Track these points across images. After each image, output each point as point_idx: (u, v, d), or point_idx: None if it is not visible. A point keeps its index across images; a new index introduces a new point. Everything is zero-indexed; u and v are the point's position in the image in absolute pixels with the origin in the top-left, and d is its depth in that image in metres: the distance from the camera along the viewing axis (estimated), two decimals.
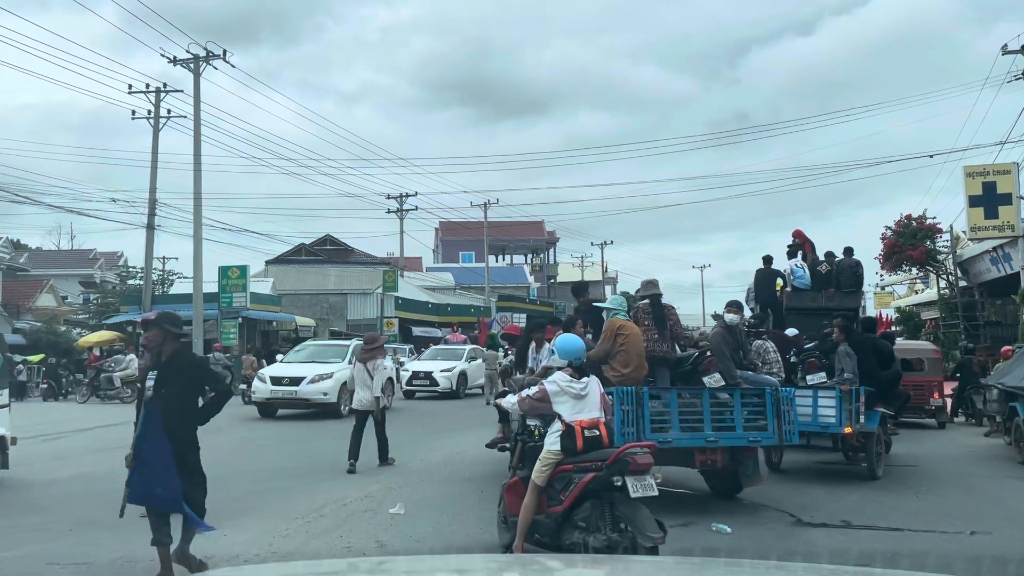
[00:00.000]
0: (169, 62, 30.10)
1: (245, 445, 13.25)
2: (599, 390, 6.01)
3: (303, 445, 13.31)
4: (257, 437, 14.21)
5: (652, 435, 7.36)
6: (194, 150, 29.48)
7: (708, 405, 8.01)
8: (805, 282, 14.81)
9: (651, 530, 5.22)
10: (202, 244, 29.01)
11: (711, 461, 8.01)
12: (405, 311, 42.35)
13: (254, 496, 8.65)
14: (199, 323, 28.27)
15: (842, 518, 7.62)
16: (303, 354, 19.93)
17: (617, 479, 5.41)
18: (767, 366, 10.00)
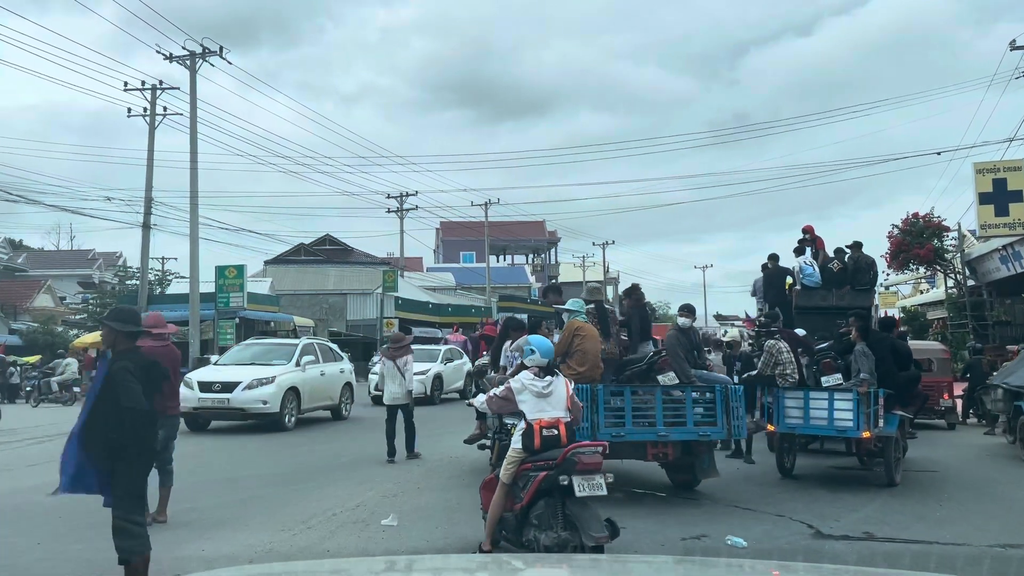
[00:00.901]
0: (165, 59, 29.69)
1: (233, 448, 12.78)
2: (567, 390, 6.05)
3: (296, 448, 12.83)
4: (248, 439, 13.70)
5: (606, 430, 7.92)
6: (190, 148, 29.06)
7: (660, 402, 8.34)
8: (815, 280, 14.38)
9: (595, 529, 5.32)
10: (198, 243, 28.58)
11: (663, 454, 8.50)
12: (405, 311, 41.84)
13: (238, 505, 8.19)
14: (195, 323, 27.84)
15: (864, 529, 7.15)
16: (243, 355, 16.78)
17: (564, 478, 5.51)
18: (780, 367, 9.55)
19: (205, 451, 12.30)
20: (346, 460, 11.43)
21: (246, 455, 12.25)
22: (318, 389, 16.57)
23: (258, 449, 12.83)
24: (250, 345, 18.05)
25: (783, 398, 9.43)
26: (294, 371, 15.76)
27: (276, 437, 14.05)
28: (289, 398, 15.30)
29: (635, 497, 8.68)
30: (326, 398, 16.96)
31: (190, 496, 8.13)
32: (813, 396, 9.29)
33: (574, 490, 5.47)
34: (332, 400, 17.15)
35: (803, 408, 9.32)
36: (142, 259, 30.46)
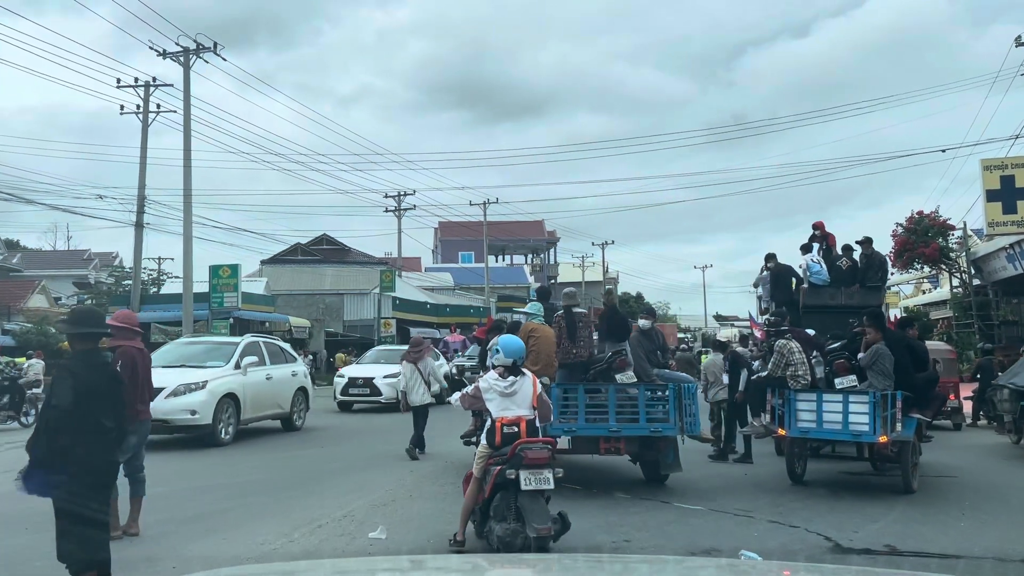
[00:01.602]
0: (159, 55, 29.22)
1: (224, 453, 12.30)
2: (534, 389, 6.25)
3: (285, 452, 12.36)
4: (241, 443, 13.20)
5: (559, 426, 8.32)
6: (184, 145, 28.58)
7: (613, 399, 8.75)
8: (823, 278, 13.90)
9: (539, 522, 5.61)
10: (192, 242, 28.11)
11: (615, 449, 8.96)
12: (403, 312, 41.42)
13: (219, 515, 7.70)
14: (189, 324, 27.35)
15: (885, 542, 6.68)
16: (172, 355, 14.14)
17: (511, 472, 5.82)
18: (791, 368, 9.08)
19: None
20: (336, 467, 10.94)
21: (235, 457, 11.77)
22: (263, 396, 14.14)
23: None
24: (183, 344, 15.50)
25: (795, 400, 8.95)
26: (232, 375, 13.45)
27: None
28: (225, 407, 12.98)
29: (641, 507, 8.22)
30: (273, 406, 14.63)
31: (162, 506, 7.65)
32: (827, 398, 8.82)
33: (520, 483, 5.77)
34: (281, 408, 14.87)
35: (816, 411, 8.85)
36: (135, 258, 30.01)
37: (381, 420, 17.33)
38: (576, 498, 8.59)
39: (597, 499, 8.58)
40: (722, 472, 10.54)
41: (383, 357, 21.42)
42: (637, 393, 8.83)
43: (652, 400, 8.90)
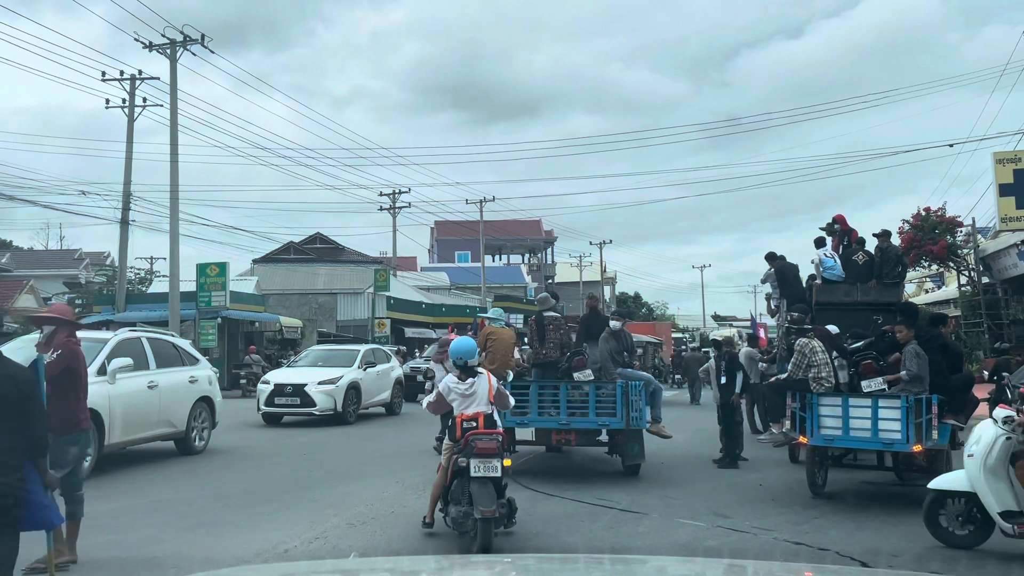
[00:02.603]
0: (144, 47, 28.36)
1: (190, 465, 11.45)
2: (491, 387, 6.83)
3: (258, 463, 11.50)
4: (212, 455, 12.35)
5: (511, 418, 9.15)
6: (171, 140, 27.76)
7: (564, 395, 9.56)
8: (837, 273, 13.11)
9: (484, 504, 6.17)
10: (179, 239, 27.28)
11: (566, 440, 10.07)
12: (398, 311, 40.61)
13: (173, 537, 6.85)
14: (175, 324, 26.44)
15: (931, 569, 5.86)
16: (19, 357, 9.16)
17: (463, 460, 6.44)
18: (814, 369, 8.26)
19: None
20: (316, 476, 10.09)
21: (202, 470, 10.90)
22: (145, 410, 10.94)
23: None
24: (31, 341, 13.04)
25: (817, 405, 8.12)
26: (93, 383, 10.23)
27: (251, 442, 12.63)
28: None
29: (648, 525, 7.39)
30: (162, 423, 11.37)
31: (125, 522, 6.81)
32: (854, 403, 7.99)
33: (471, 470, 6.35)
34: (173, 426, 11.61)
35: (842, 417, 8.01)
36: (120, 256, 29.19)
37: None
38: (579, 515, 7.78)
39: (600, 516, 7.76)
40: (733, 482, 9.71)
41: (323, 359, 18.35)
42: (588, 390, 9.53)
43: (600, 396, 9.52)
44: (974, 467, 6.34)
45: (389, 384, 18.79)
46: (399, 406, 19.01)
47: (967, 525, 6.48)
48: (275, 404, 16.48)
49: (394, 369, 19.42)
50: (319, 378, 16.62)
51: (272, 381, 16.97)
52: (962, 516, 6.48)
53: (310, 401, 16.23)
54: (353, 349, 18.86)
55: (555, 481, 9.59)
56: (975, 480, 6.31)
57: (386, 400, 18.61)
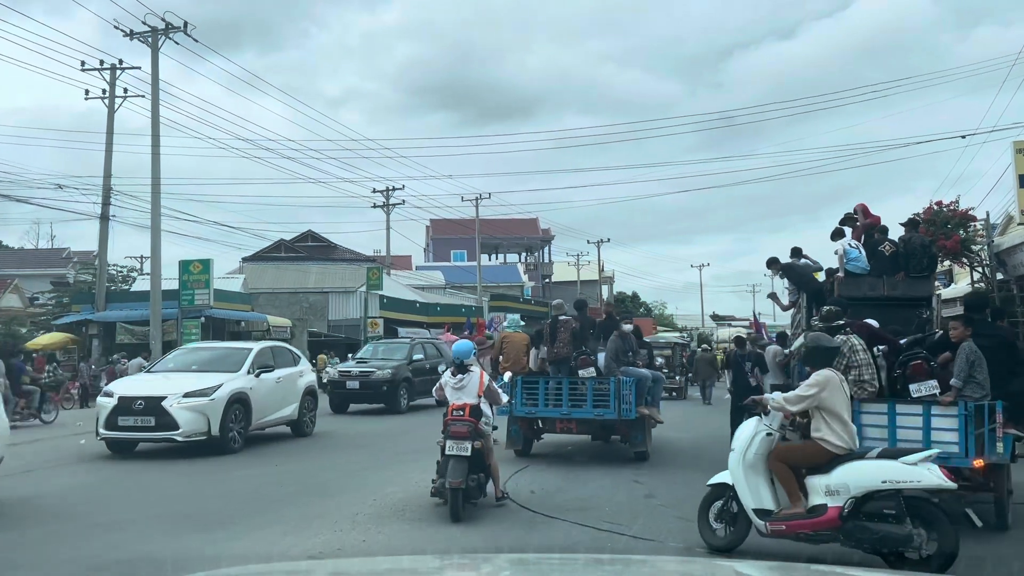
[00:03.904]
0: (125, 35, 27.23)
1: (158, 476, 10.33)
2: (481, 383, 8.05)
3: (226, 476, 10.37)
4: (182, 468, 11.20)
5: (522, 408, 10.89)
6: (152, 130, 26.68)
7: (567, 389, 10.92)
8: (862, 266, 12.00)
9: (453, 477, 7.39)
10: (160, 234, 26.17)
11: (568, 428, 11.50)
12: (391, 311, 39.48)
13: (172, 537, 5.74)
14: (157, 323, 25.38)
15: None
16: None
17: (440, 440, 7.84)
18: (855, 371, 7.16)
19: None
20: (282, 494, 8.97)
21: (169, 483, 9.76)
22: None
23: None
24: None
25: (859, 413, 7.02)
26: None
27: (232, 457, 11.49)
28: None
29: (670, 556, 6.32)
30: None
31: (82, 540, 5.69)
32: (902, 411, 6.90)
33: (446, 449, 7.63)
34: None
35: (888, 427, 6.92)
36: (100, 252, 28.11)
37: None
38: (581, 544, 6.68)
39: (605, 547, 6.67)
40: None
41: (197, 361, 13.32)
42: (584, 385, 10.86)
43: (597, 391, 10.81)
44: (734, 462, 6.40)
45: (296, 395, 14.04)
46: (310, 425, 14.53)
47: (728, 524, 6.44)
48: (119, 427, 11.65)
49: (303, 375, 14.66)
50: (186, 388, 11.83)
51: (116, 393, 11.96)
52: (724, 513, 6.44)
53: (170, 422, 11.48)
54: (242, 348, 13.95)
55: (560, 500, 8.53)
56: (735, 475, 6.35)
57: (291, 416, 13.93)
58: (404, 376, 19.57)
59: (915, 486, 5.67)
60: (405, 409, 19.22)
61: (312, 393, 14.73)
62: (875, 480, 5.73)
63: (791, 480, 6.06)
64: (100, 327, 27.45)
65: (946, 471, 5.77)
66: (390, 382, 19.17)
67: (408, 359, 20.21)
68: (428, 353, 21.52)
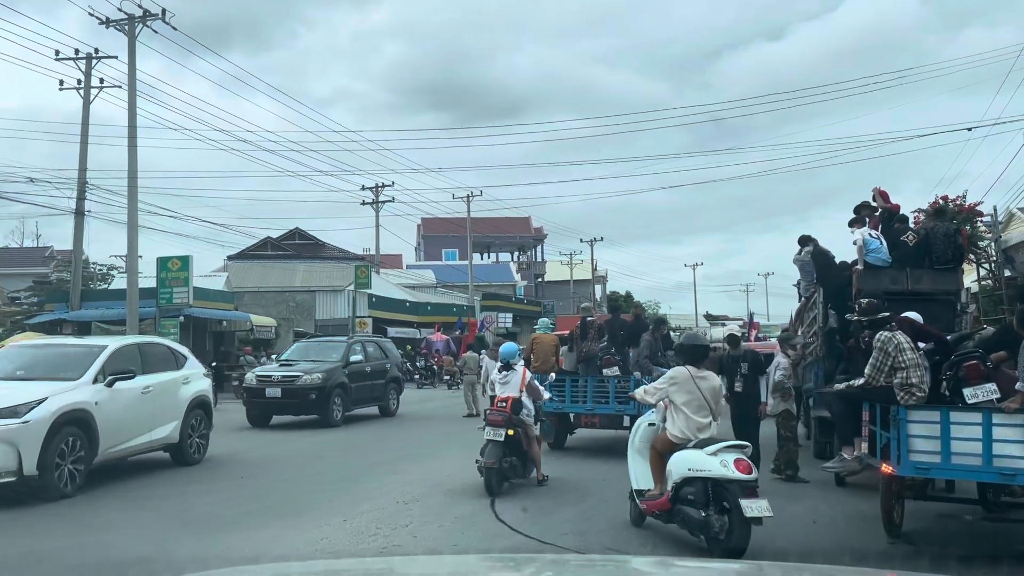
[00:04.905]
0: (100, 23, 26.12)
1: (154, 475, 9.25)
2: (522, 378, 9.34)
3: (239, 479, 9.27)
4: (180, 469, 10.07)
5: (550, 404, 10.63)
6: (129, 121, 25.52)
7: (592, 387, 11.68)
8: (883, 257, 11.03)
9: (487, 458, 8.57)
10: (137, 230, 25.04)
11: (591, 423, 12.17)
12: (380, 310, 38.45)
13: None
14: (134, 323, 24.25)
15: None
16: None
17: (481, 427, 9.11)
18: (901, 373, 6.18)
19: None
20: (242, 511, 7.92)
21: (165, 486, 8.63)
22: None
23: None
24: None
25: (907, 422, 6.03)
26: None
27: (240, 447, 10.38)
28: None
29: None
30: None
31: None
32: (956, 420, 5.90)
33: (485, 434, 8.86)
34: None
35: (941, 438, 5.92)
36: (75, 249, 26.98)
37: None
38: None
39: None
40: (778, 518, 7.59)
41: (24, 365, 9.69)
42: (610, 383, 11.52)
43: (619, 389, 11.38)
44: (629, 449, 7.33)
45: (177, 410, 10.58)
46: (199, 448, 11.11)
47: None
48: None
49: (189, 382, 11.03)
50: (15, 399, 8.43)
51: None
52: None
53: None
54: (89, 346, 10.12)
55: (554, 521, 7.53)
56: (629, 461, 7.28)
57: (168, 439, 10.42)
58: (338, 382, 16.22)
59: (707, 475, 6.19)
60: (339, 421, 16.01)
61: (203, 406, 11.18)
62: (684, 468, 6.38)
63: (658, 466, 6.76)
64: (75, 326, 26.29)
65: (743, 463, 6.15)
66: (320, 389, 15.72)
67: (344, 361, 16.84)
68: (370, 354, 18.15)
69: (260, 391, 16.08)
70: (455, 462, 10.85)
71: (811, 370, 11.60)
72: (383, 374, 18.20)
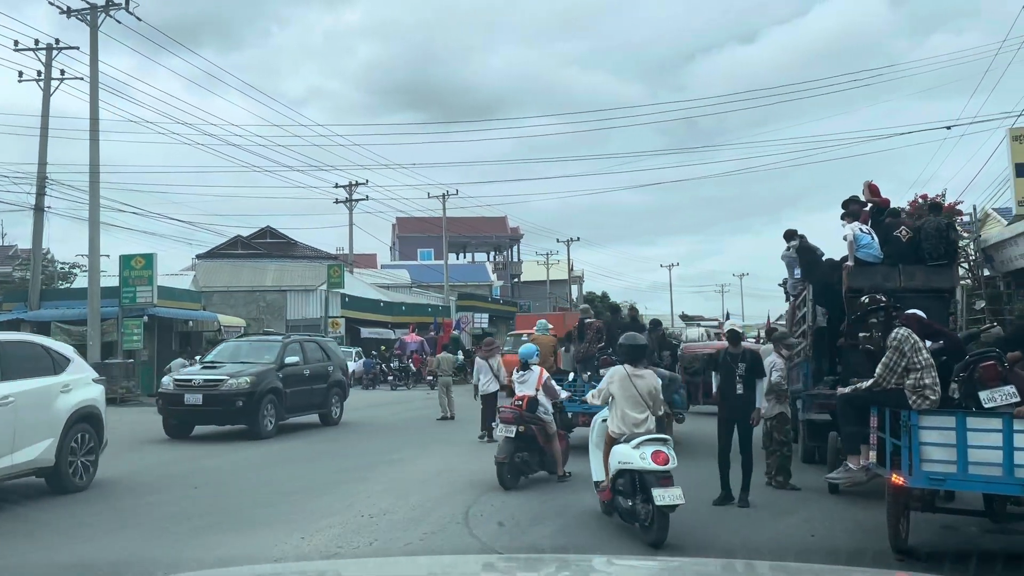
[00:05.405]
0: (61, 13, 25.20)
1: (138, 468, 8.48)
2: (539, 378, 9.66)
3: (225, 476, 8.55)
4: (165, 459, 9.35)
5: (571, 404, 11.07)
6: (90, 114, 24.65)
7: (587, 388, 10.95)
8: (874, 253, 10.60)
9: (499, 453, 8.99)
10: (99, 227, 24.17)
11: (587, 422, 10.58)
12: (353, 310, 37.71)
13: None
14: (96, 322, 23.38)
15: None
16: None
17: (494, 424, 10.00)
18: (915, 373, 5.66)
19: None
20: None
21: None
22: None
23: None
24: None
25: (919, 428, 5.50)
26: None
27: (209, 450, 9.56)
28: None
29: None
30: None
31: None
32: (974, 426, 5.38)
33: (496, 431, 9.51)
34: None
35: (957, 446, 5.40)
36: (34, 246, 25.95)
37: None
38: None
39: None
40: (776, 533, 7.06)
41: None
42: None
43: None
44: (589, 444, 7.86)
45: (52, 425, 8.66)
46: (88, 470, 9.17)
47: None
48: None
49: (70, 390, 9.03)
50: None
51: None
52: None
53: None
54: None
55: (533, 537, 6.94)
56: (590, 455, 7.78)
57: (41, 462, 8.49)
58: (270, 386, 14.23)
59: (631, 467, 6.67)
60: (271, 432, 14.00)
61: (90, 419, 9.24)
62: (616, 461, 6.92)
63: (608, 459, 7.17)
64: (33, 327, 25.30)
65: (661, 455, 6.55)
66: (248, 395, 13.73)
67: (278, 363, 14.81)
68: (309, 356, 16.01)
69: (178, 397, 13.94)
70: (426, 470, 10.23)
71: (800, 371, 11.11)
72: (324, 378, 16.13)
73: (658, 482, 6.39)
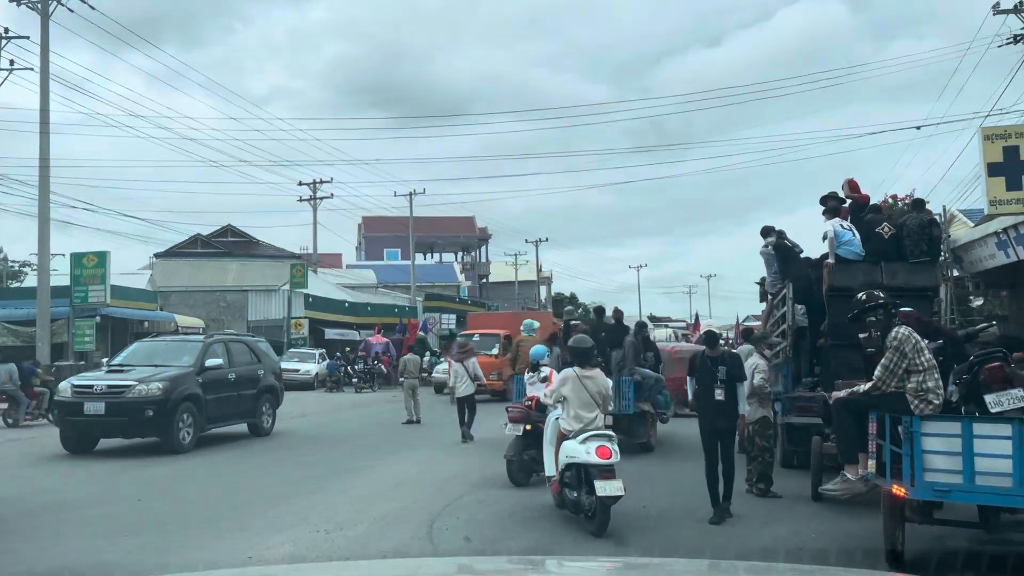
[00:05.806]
0: (11, 1, 24.18)
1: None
2: (549, 379, 9.31)
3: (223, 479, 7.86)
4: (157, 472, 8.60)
5: None
6: (40, 105, 23.67)
7: None
8: (855, 250, 10.28)
9: (507, 451, 9.39)
10: (49, 224, 23.18)
11: None
12: (317, 311, 36.86)
13: None
14: (45, 323, 22.39)
15: None
16: None
17: (504, 424, 9.77)
18: (918, 376, 5.21)
19: None
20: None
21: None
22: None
23: None
24: None
25: (922, 435, 5.07)
26: None
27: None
28: None
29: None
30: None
31: None
32: (981, 432, 4.96)
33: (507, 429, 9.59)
34: None
35: (963, 453, 4.97)
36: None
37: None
38: None
39: None
40: (764, 546, 6.60)
41: None
42: None
43: None
44: (543, 441, 8.34)
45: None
46: None
47: None
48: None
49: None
50: None
51: None
52: None
53: None
54: None
55: (500, 552, 6.42)
56: (544, 451, 8.28)
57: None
58: (187, 393, 12.51)
59: (577, 461, 7.04)
60: (189, 446, 12.31)
61: None
62: (564, 456, 7.32)
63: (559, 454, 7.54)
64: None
65: (604, 449, 6.90)
66: (160, 403, 11.96)
67: (198, 367, 13.02)
68: (236, 358, 14.22)
69: (77, 406, 12.06)
70: (388, 478, 9.66)
71: (779, 372, 10.72)
72: (254, 383, 14.34)
73: (600, 475, 6.78)
